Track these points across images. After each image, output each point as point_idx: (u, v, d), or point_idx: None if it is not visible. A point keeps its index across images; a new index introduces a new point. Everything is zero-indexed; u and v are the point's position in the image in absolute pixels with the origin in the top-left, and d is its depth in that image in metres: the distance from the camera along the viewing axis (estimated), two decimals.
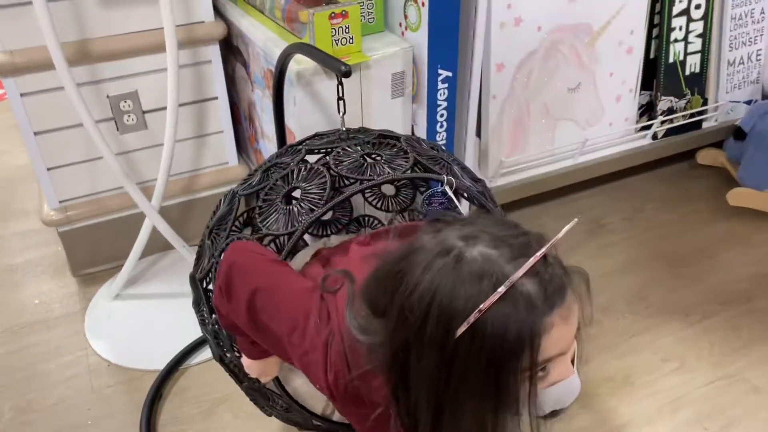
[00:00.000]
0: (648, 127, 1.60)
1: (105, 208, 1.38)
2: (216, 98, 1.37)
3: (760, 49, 1.67)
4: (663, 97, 1.58)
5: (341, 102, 0.85)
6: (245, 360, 0.84)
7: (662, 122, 1.60)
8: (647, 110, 1.62)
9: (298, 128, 1.08)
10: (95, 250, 1.41)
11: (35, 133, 1.25)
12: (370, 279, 0.60)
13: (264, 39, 1.15)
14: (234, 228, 0.92)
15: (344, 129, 0.86)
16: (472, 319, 0.51)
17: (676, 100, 1.60)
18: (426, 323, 0.52)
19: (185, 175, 1.43)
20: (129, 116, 1.30)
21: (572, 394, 0.58)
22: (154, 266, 1.45)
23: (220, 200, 0.95)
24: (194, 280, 0.93)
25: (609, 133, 1.56)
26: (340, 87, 0.84)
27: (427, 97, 1.13)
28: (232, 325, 0.79)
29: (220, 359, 0.97)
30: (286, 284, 0.73)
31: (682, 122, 1.62)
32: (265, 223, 0.84)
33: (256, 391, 0.92)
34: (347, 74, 0.82)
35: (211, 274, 0.89)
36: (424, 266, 0.54)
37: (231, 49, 1.36)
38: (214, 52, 1.31)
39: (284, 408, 0.90)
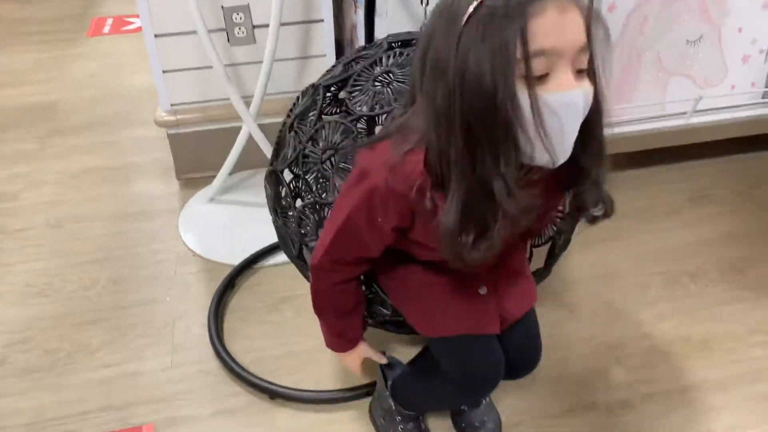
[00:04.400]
0: None
1: (211, 117, 1.47)
2: (321, 20, 1.41)
3: None
4: None
5: None
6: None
7: None
8: None
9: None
10: (199, 156, 1.51)
11: (155, 36, 1.35)
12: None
13: None
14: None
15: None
16: (471, 8, 0.54)
17: None
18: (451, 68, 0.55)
19: (287, 95, 1.49)
20: (240, 29, 1.38)
21: (574, 106, 0.57)
22: (249, 180, 1.53)
23: (298, 97, 0.97)
24: (274, 173, 0.96)
25: (736, 101, 1.44)
26: None
27: None
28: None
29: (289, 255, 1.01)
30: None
31: None
32: (355, 104, 0.86)
33: None
34: None
35: (294, 164, 0.91)
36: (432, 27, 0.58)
37: None
38: None
39: None
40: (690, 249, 1.31)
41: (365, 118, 0.94)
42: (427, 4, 0.88)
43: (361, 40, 1.31)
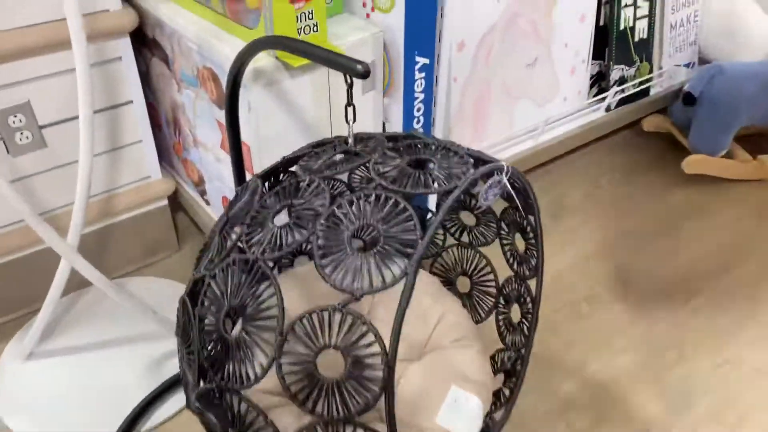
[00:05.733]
0: (601, 99, 1.53)
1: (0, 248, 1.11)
2: (130, 102, 1.13)
3: (698, 10, 1.64)
4: (615, 67, 1.51)
5: (350, 108, 0.67)
6: None
7: (615, 93, 1.53)
8: (596, 81, 1.55)
9: (255, 140, 0.89)
10: None
11: None
12: None
13: (197, 30, 0.93)
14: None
15: (352, 138, 0.68)
16: None
17: (627, 68, 1.53)
18: None
19: (99, 197, 1.19)
20: (22, 134, 1.04)
21: None
22: (72, 309, 1.20)
23: (211, 278, 0.65)
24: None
25: (567, 110, 1.48)
26: (349, 91, 0.65)
27: (403, 88, 0.97)
28: None
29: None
30: None
31: (632, 91, 1.56)
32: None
33: None
34: (366, 75, 0.63)
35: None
36: None
37: (144, 41, 1.12)
38: (124, 47, 1.07)
39: None
40: (575, 272, 1.32)
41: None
42: (354, 121, 0.69)
43: (201, 130, 1.07)
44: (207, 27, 0.93)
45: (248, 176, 0.95)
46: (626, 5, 1.46)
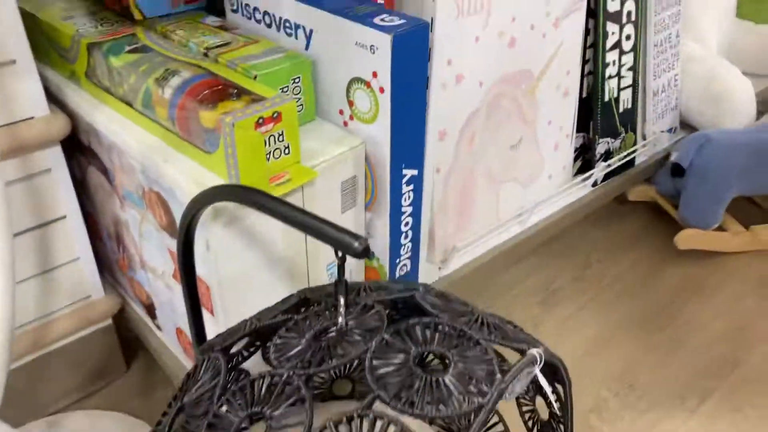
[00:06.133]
0: (587, 177, 1.43)
1: None
2: (63, 218, 0.96)
3: (677, 74, 1.57)
4: (600, 140, 1.41)
5: (341, 286, 0.53)
6: None
7: (602, 169, 1.44)
8: (581, 153, 1.45)
9: (216, 280, 0.73)
10: None
11: None
12: None
13: (141, 148, 0.77)
14: None
15: (343, 319, 0.53)
16: None
17: (612, 140, 1.44)
18: None
19: (30, 325, 1.01)
20: None
21: None
22: None
23: None
24: None
25: (552, 187, 1.37)
26: (341, 268, 0.51)
27: (390, 204, 0.83)
28: None
29: None
30: None
31: (618, 163, 1.47)
32: None
33: None
34: (365, 254, 0.49)
35: None
36: None
37: (78, 147, 0.96)
38: (54, 157, 0.91)
39: None
40: (574, 373, 1.20)
41: None
42: (345, 307, 0.55)
43: (149, 254, 0.91)
44: (153, 143, 0.78)
45: (207, 318, 0.79)
46: (610, 77, 1.37)
